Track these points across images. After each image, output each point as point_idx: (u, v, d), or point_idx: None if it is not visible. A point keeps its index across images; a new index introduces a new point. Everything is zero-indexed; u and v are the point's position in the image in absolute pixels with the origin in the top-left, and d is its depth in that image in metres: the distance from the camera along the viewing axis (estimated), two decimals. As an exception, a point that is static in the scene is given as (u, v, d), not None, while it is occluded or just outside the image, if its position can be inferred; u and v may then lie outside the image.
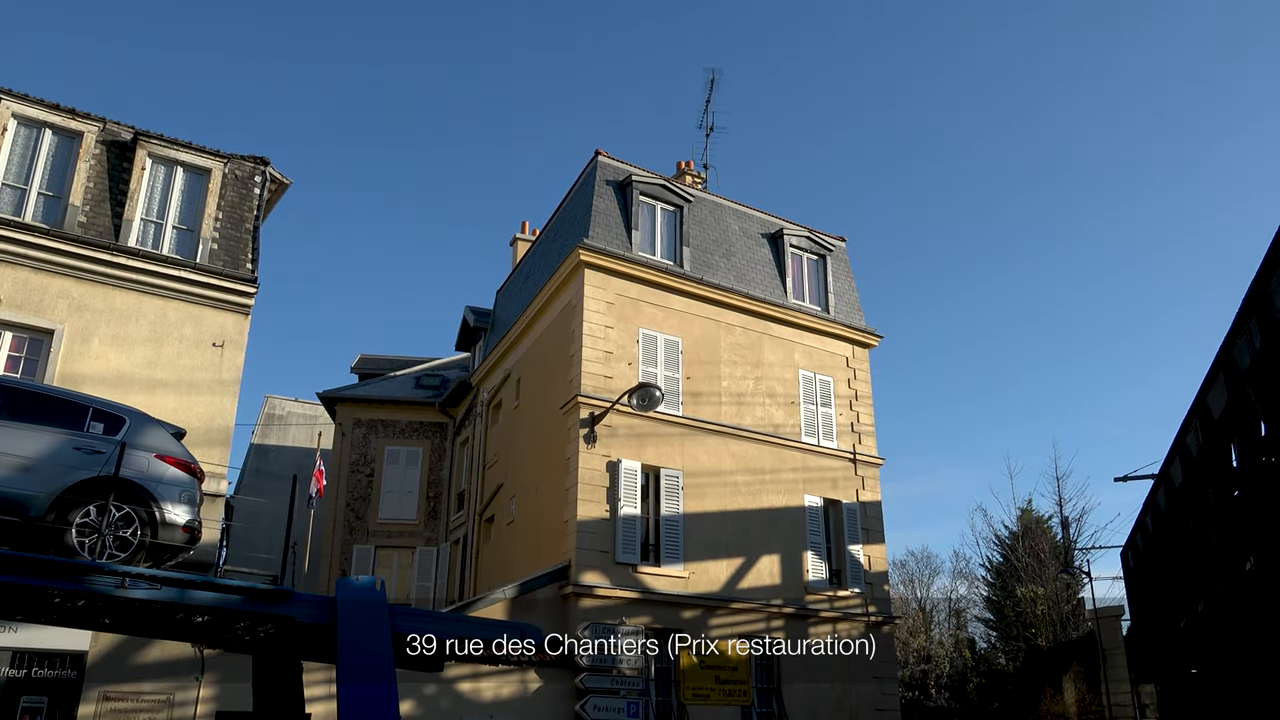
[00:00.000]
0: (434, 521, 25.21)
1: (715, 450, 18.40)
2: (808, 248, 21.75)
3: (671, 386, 18.25)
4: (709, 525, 17.74)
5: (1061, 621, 29.04)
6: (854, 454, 20.26)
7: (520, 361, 21.32)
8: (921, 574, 44.10)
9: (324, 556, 24.30)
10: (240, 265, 15.39)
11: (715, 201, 21.30)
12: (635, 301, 18.56)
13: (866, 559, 19.48)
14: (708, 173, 25.04)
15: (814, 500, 19.34)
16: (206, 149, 15.91)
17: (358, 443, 25.43)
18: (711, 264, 19.95)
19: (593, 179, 19.54)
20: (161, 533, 9.15)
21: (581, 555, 16.12)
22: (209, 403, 14.50)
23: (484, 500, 21.89)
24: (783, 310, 20.33)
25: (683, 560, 17.14)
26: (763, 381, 19.64)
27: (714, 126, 25.74)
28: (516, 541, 19.31)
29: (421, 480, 25.53)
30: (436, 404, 25.76)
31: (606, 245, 18.44)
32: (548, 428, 18.62)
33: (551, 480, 17.86)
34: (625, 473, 17.04)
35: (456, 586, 22.63)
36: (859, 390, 20.99)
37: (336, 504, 24.67)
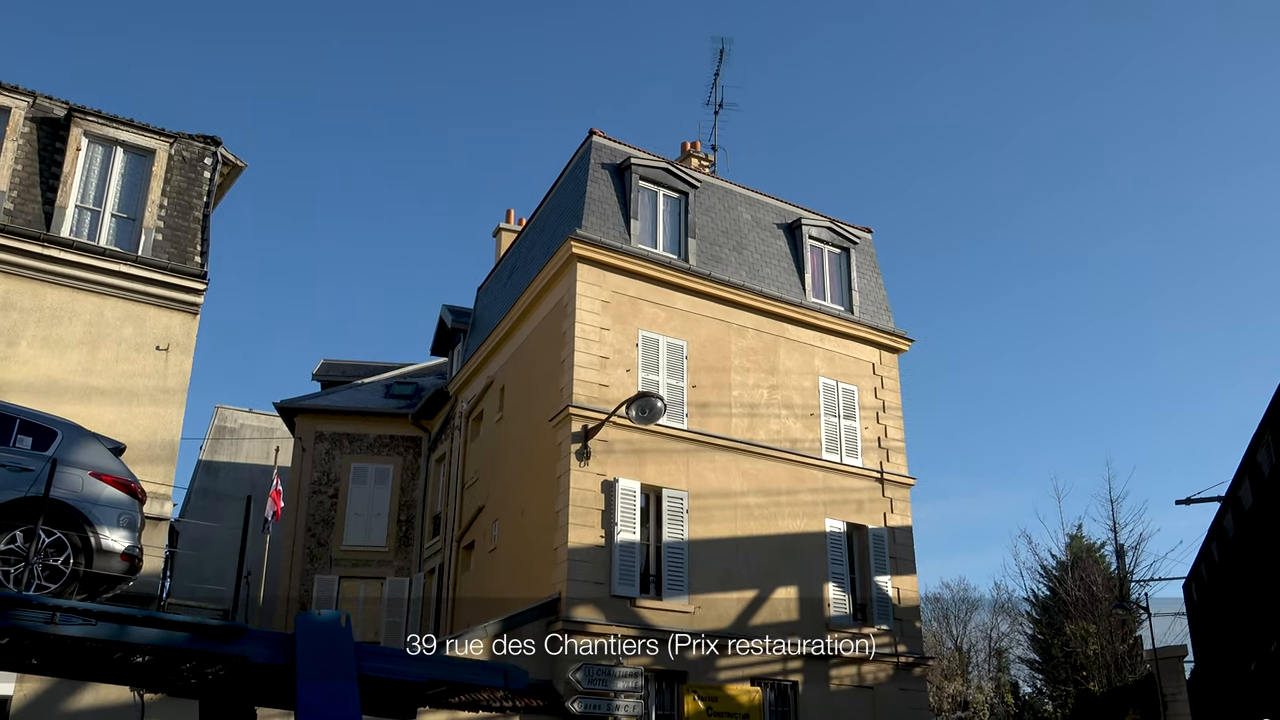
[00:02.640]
0: (406, 548, 25.15)
1: (724, 468, 18.40)
2: (829, 240, 21.78)
3: (675, 396, 18.25)
4: (717, 553, 17.72)
5: (1116, 663, 29.02)
6: (881, 473, 20.26)
7: (504, 368, 21.32)
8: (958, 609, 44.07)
9: (281, 588, 24.20)
10: (188, 259, 15.39)
11: (725, 187, 21.34)
12: (634, 300, 18.58)
13: (895, 592, 19.46)
14: (716, 155, 25.07)
15: (836, 525, 19.33)
16: (150, 127, 15.94)
17: (320, 459, 25.40)
18: (720, 258, 19.98)
19: (586, 162, 19.56)
20: (97, 561, 9.12)
21: (573, 587, 16.09)
22: (152, 414, 14.49)
23: (463, 524, 21.87)
24: (801, 310, 20.35)
25: (688, 593, 17.12)
26: (778, 391, 19.64)
27: (723, 103, 25.76)
28: (499, 571, 19.28)
29: (392, 502, 25.47)
30: (409, 415, 25.73)
31: (602, 236, 18.46)
32: (535, 443, 18.61)
33: (539, 502, 17.84)
34: (623, 494, 17.03)
35: (431, 622, 22.56)
36: (887, 401, 20.99)
37: (296, 528, 24.62)
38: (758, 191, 21.85)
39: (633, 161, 19.63)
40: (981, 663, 40.73)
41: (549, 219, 20.88)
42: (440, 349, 27.30)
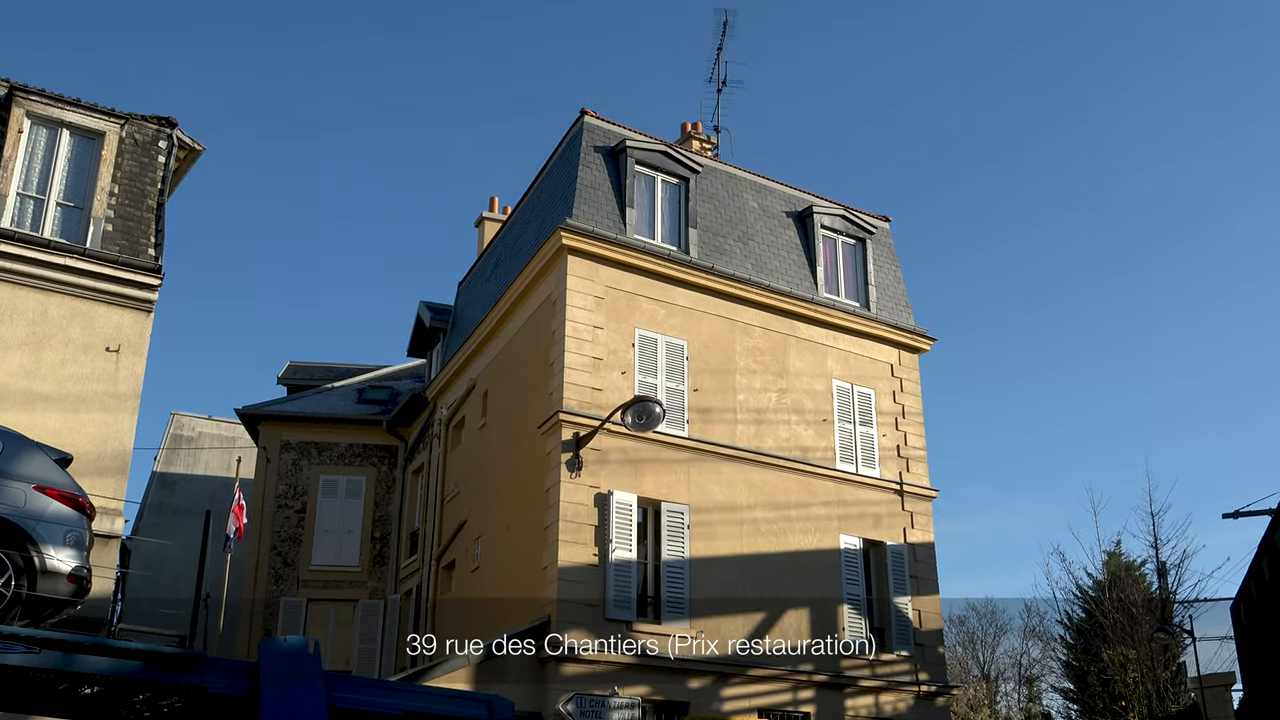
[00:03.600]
0: (380, 568, 25.13)
1: (729, 480, 18.41)
2: (843, 230, 21.80)
3: (675, 401, 18.25)
4: (721, 573, 17.72)
5: (1158, 692, 29.05)
6: (900, 484, 20.27)
7: (488, 370, 21.32)
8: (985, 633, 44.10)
9: (244, 612, 24.18)
10: (141, 251, 15.37)
11: (729, 172, 21.36)
12: (630, 296, 18.59)
13: (916, 614, 19.47)
14: (719, 137, 25.07)
15: (851, 541, 19.34)
16: (99, 108, 15.92)
17: (286, 471, 25.38)
18: (724, 249, 19.99)
19: (578, 145, 19.58)
20: (41, 583, 9.10)
21: (564, 610, 16.08)
22: (101, 421, 14.46)
23: (442, 542, 21.86)
24: (813, 307, 20.37)
25: (689, 616, 17.12)
26: (788, 394, 19.66)
27: (726, 80, 25.77)
28: (483, 593, 19.26)
29: (365, 517, 25.46)
30: (383, 423, 25.72)
31: (594, 226, 18.48)
32: (522, 452, 18.60)
33: (526, 517, 17.84)
34: (618, 508, 17.03)
35: (408, 649, 22.53)
36: (907, 405, 21.02)
37: (259, 547, 24.59)
38: (765, 176, 21.86)
39: (628, 144, 19.64)
40: (1011, 692, 40.79)
41: (536, 207, 20.89)
42: (418, 350, 27.29)
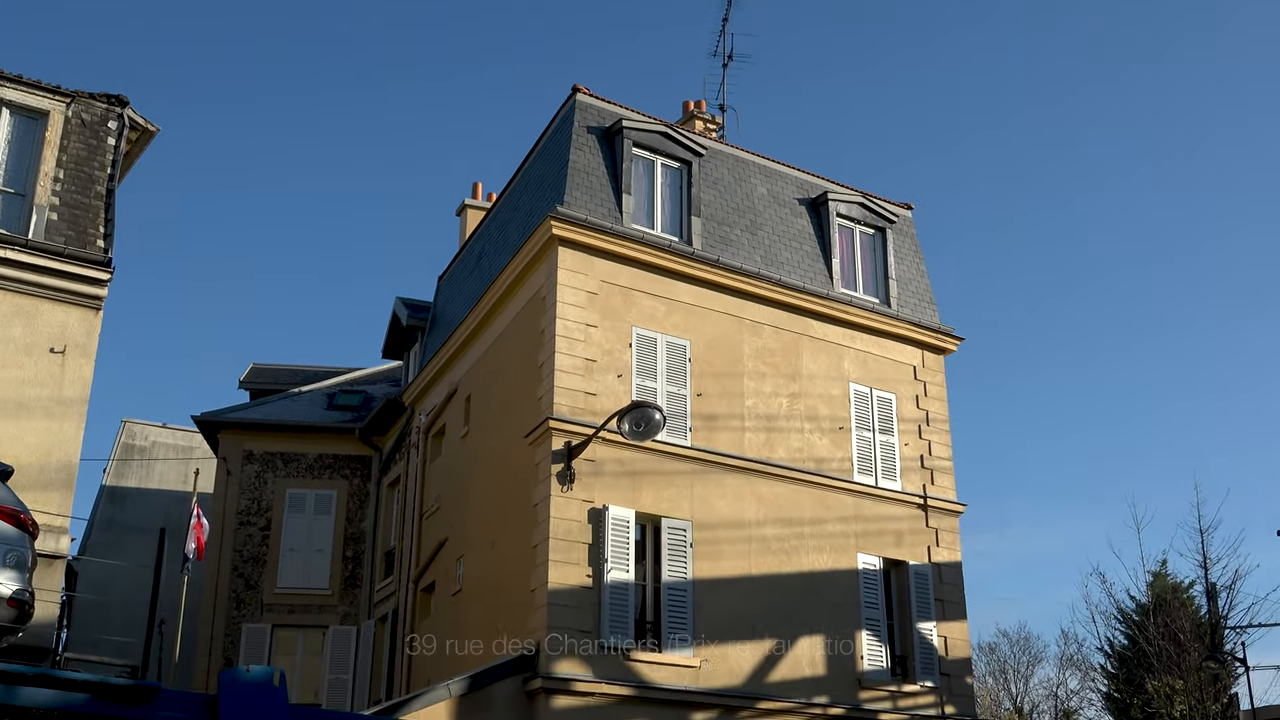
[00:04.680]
0: (353, 591, 25.15)
1: (736, 493, 18.43)
2: (862, 218, 21.83)
3: (676, 407, 18.27)
4: (728, 596, 17.75)
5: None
6: (924, 498, 20.30)
7: (471, 373, 21.34)
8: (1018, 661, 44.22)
9: (202, 640, 24.20)
10: (89, 243, 15.38)
11: (736, 155, 21.40)
12: (627, 291, 18.61)
13: (942, 641, 19.50)
14: (725, 117, 25.15)
15: (871, 561, 19.37)
16: (43, 84, 15.93)
17: (248, 484, 25.39)
18: (731, 240, 20.02)
19: (569, 125, 19.60)
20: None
21: (554, 637, 16.10)
22: (45, 429, 14.46)
23: (421, 562, 21.87)
24: (827, 303, 20.40)
25: (692, 643, 17.14)
26: (800, 400, 19.68)
27: (733, 54, 25.86)
28: (466, 618, 19.29)
29: (336, 535, 25.48)
30: (356, 431, 25.75)
31: (588, 214, 18.50)
32: (508, 463, 18.62)
33: (513, 535, 17.85)
34: (614, 524, 17.05)
35: (383, 680, 22.55)
36: (931, 411, 21.04)
37: (219, 568, 24.59)
38: (775, 160, 21.90)
39: (625, 124, 19.67)
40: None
41: (524, 194, 20.91)
42: (393, 351, 27.30)
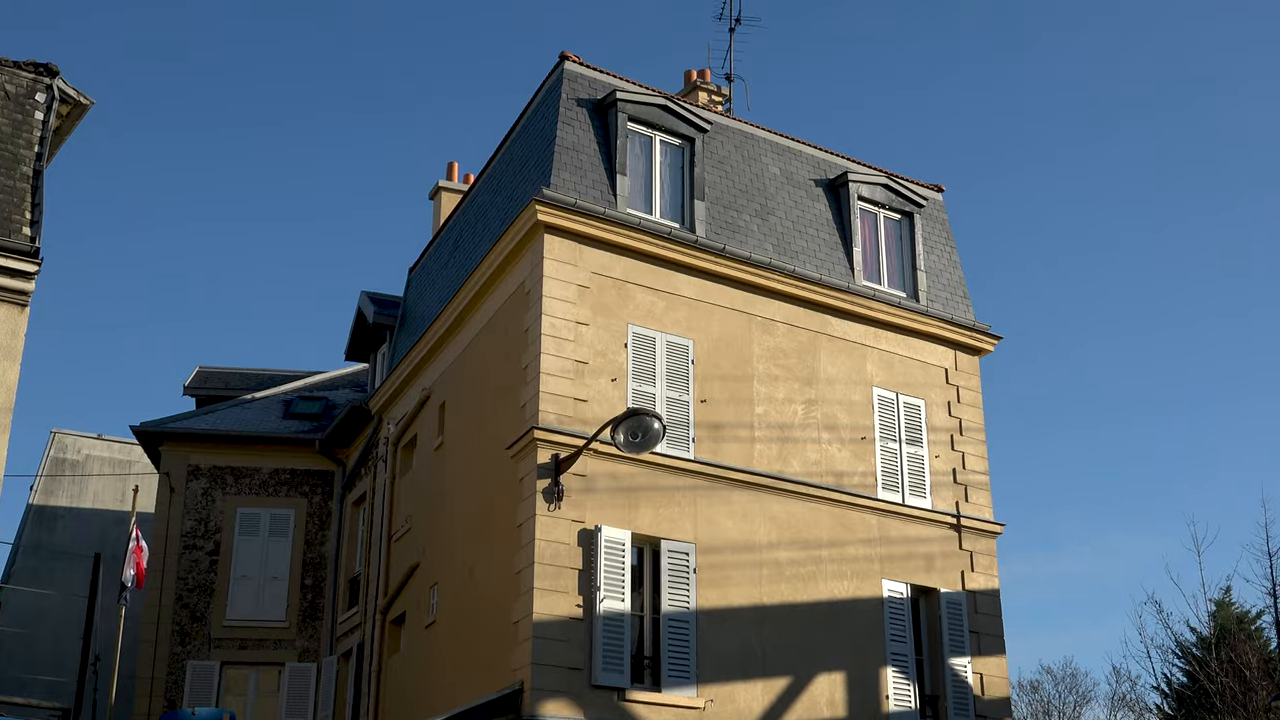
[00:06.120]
0: (313, 623, 25.12)
1: (745, 512, 18.44)
2: (886, 202, 21.86)
3: (678, 415, 18.29)
4: (736, 628, 17.77)
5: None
6: (958, 517, 20.32)
7: (446, 377, 21.35)
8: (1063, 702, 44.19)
9: (142, 679, 24.15)
10: (13, 230, 15.37)
11: (744, 131, 21.42)
12: (621, 284, 18.63)
13: (978, 679, 19.53)
14: (732, 88, 25.18)
15: (897, 589, 19.39)
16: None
17: (194, 503, 25.35)
18: (739, 226, 20.04)
19: (556, 97, 19.62)
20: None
21: (541, 674, 16.11)
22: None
23: (390, 590, 21.86)
24: (848, 298, 20.43)
25: (695, 682, 17.16)
26: (817, 406, 19.70)
27: (741, 17, 25.89)
28: (440, 653, 19.29)
29: (293, 560, 25.42)
30: (316, 442, 25.72)
31: (578, 198, 18.51)
32: (488, 479, 18.63)
33: (493, 559, 17.86)
34: (607, 547, 17.06)
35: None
36: (965, 419, 21.06)
37: (162, 597, 24.55)
38: (789, 136, 21.91)
39: (619, 96, 19.68)
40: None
41: (506, 175, 20.92)
42: (358, 352, 27.28)
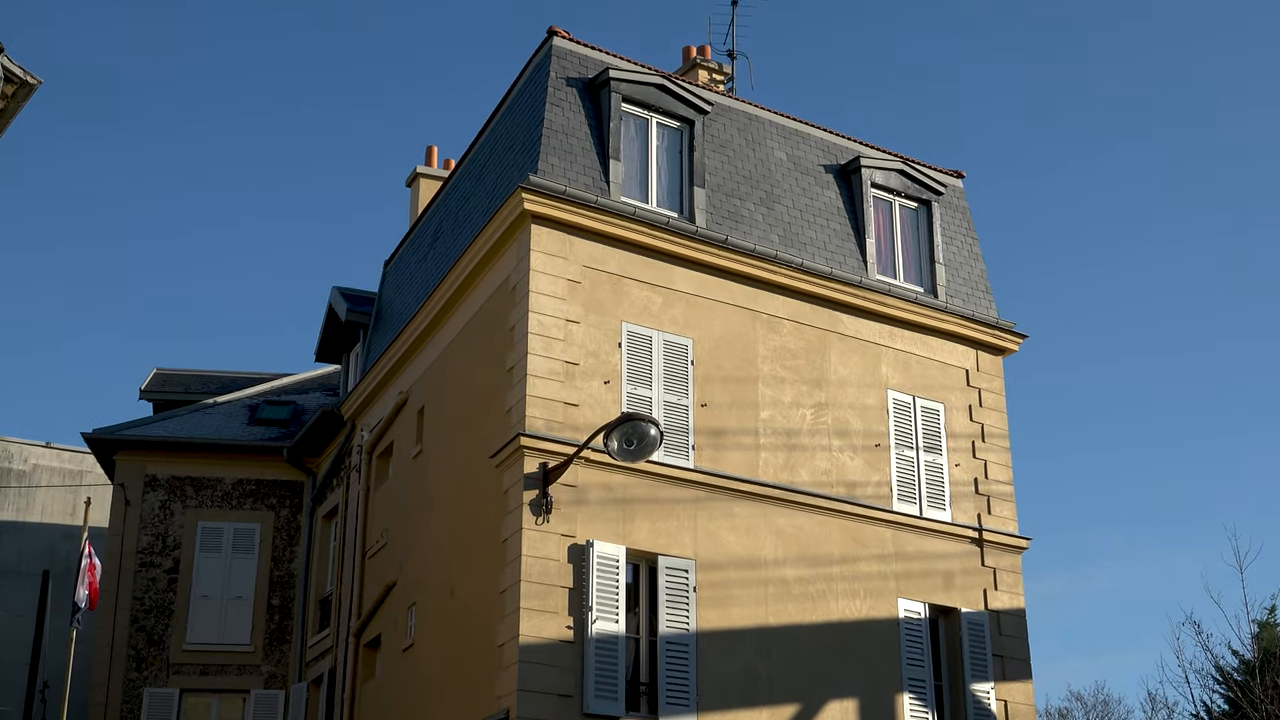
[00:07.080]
0: (280, 647, 25.06)
1: (749, 526, 18.44)
2: (902, 189, 21.86)
3: (676, 420, 18.29)
4: (739, 651, 17.76)
5: (1325, 808, 29.13)
6: (980, 531, 20.33)
7: (425, 380, 21.34)
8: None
9: (95, 707, 24.10)
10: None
11: (748, 113, 21.41)
12: (615, 279, 18.62)
13: (1001, 706, 19.54)
14: (735, 66, 25.16)
15: (914, 608, 19.40)
16: (-101, 26, 15.89)
17: (152, 516, 25.30)
18: (742, 216, 20.04)
19: (544, 76, 19.61)
20: None
21: (528, 702, 16.09)
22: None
23: (364, 611, 21.84)
24: (861, 293, 20.44)
25: (695, 710, 17.15)
26: (828, 411, 19.70)
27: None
28: (419, 679, 19.29)
29: (259, 579, 25.38)
30: (284, 451, 25.69)
31: (567, 185, 18.50)
32: (470, 490, 18.62)
33: (477, 577, 17.86)
34: (600, 564, 17.04)
35: None
36: (988, 425, 21.06)
37: (116, 619, 24.49)
38: (796, 119, 21.91)
39: (612, 75, 19.67)
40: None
41: (489, 160, 20.91)
42: (329, 353, 27.25)
